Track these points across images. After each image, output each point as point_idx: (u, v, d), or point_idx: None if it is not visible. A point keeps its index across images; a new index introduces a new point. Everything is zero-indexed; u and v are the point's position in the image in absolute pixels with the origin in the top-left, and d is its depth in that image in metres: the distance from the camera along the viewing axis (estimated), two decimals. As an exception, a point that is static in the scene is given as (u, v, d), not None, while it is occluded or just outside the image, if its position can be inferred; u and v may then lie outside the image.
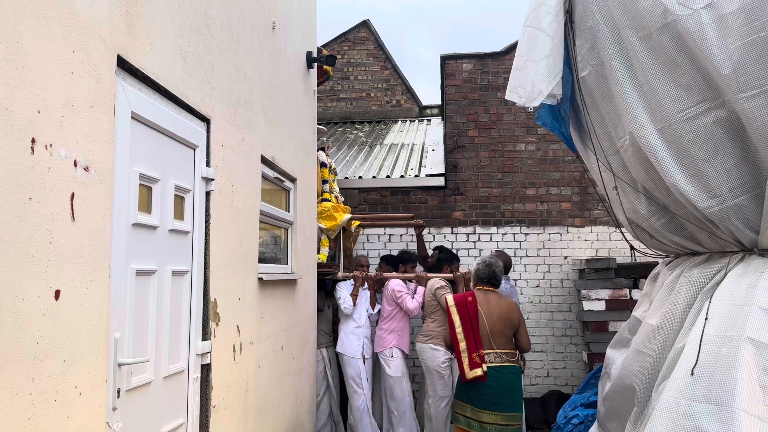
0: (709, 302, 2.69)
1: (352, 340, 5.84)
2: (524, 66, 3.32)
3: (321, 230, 6.05)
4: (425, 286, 5.90)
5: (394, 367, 5.77)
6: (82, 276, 2.01)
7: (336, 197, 6.52)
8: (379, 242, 7.40)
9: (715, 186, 2.72)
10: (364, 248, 7.37)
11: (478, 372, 4.30)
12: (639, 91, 2.93)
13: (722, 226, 2.78)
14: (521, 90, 3.31)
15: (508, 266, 5.78)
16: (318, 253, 6.00)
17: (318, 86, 7.83)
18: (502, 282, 5.43)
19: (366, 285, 6.03)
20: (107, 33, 2.18)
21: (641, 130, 2.91)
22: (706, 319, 2.64)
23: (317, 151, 6.29)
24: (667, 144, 2.83)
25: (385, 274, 6.06)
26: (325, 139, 7.52)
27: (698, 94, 2.69)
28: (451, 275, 5.92)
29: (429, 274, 6.00)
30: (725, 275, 2.78)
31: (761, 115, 2.44)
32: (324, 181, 6.30)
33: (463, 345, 4.39)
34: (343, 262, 6.37)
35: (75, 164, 1.98)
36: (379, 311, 6.04)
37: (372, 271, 6.30)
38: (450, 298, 4.67)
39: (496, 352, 4.40)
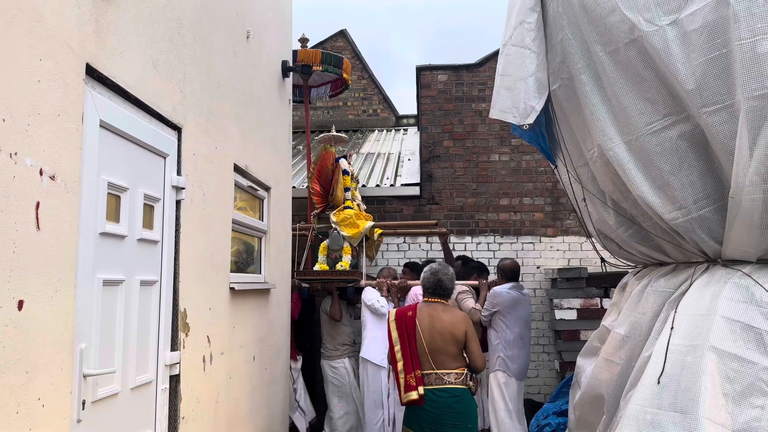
0: (675, 312, 2.74)
1: (381, 347, 5.49)
2: (514, 85, 3.34)
3: (344, 238, 5.95)
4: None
5: None
6: (47, 286, 1.98)
7: (358, 205, 6.40)
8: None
9: (681, 198, 2.78)
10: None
11: (413, 395, 3.82)
12: (607, 105, 2.99)
13: (687, 237, 2.84)
14: (515, 110, 3.33)
15: (515, 272, 5.57)
16: (340, 260, 5.93)
17: (334, 96, 7.87)
18: (507, 289, 5.33)
19: (390, 293, 5.77)
20: (76, 41, 2.16)
21: (609, 142, 2.97)
22: (672, 328, 2.69)
23: (339, 159, 6.20)
24: (634, 156, 2.89)
25: (410, 282, 5.84)
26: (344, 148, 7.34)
27: (664, 108, 2.76)
28: (476, 282, 5.73)
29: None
30: (690, 285, 2.83)
31: (723, 130, 2.50)
32: (346, 189, 6.21)
33: (400, 365, 3.92)
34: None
35: (41, 173, 1.95)
36: None
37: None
38: (392, 312, 4.20)
39: (436, 373, 3.87)
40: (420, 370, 3.89)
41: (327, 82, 7.67)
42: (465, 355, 3.99)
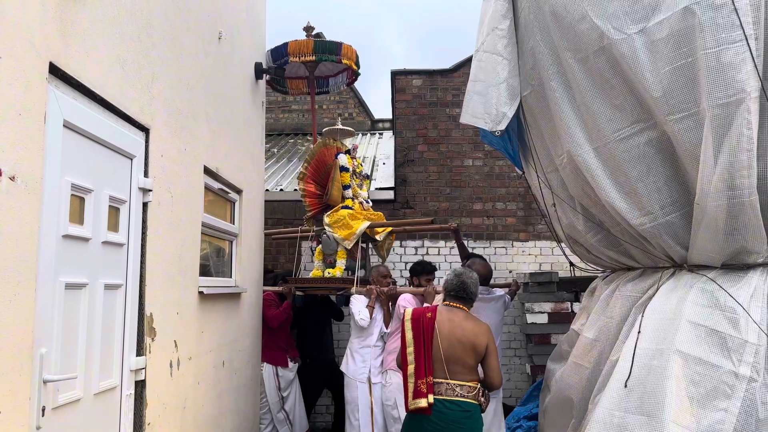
0: (642, 316, 2.78)
1: (357, 360, 5.22)
2: (486, 92, 3.36)
3: (337, 241, 5.52)
4: (431, 303, 5.08)
5: (388, 394, 5.01)
6: (5, 289, 1.92)
7: (361, 203, 5.92)
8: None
9: (648, 204, 2.82)
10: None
11: (422, 403, 3.53)
12: (576, 111, 3.02)
13: (654, 242, 2.88)
14: (487, 116, 3.35)
15: (484, 276, 4.99)
16: (333, 267, 5.57)
17: (350, 85, 7.57)
18: (481, 293, 4.78)
19: (380, 301, 5.34)
20: (39, 39, 2.11)
21: (578, 148, 3.00)
22: (639, 332, 2.72)
23: (338, 155, 5.73)
24: (603, 163, 2.93)
25: (399, 288, 5.42)
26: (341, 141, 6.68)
27: (632, 115, 2.80)
28: None
29: (440, 287, 5.35)
30: (657, 290, 2.87)
31: (689, 137, 2.55)
32: (345, 187, 5.70)
33: (411, 368, 3.65)
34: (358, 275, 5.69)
35: (0, 173, 1.90)
36: None
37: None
38: (408, 311, 3.90)
39: (448, 383, 3.58)
40: (432, 377, 3.61)
41: (343, 71, 7.21)
42: (481, 368, 3.73)
